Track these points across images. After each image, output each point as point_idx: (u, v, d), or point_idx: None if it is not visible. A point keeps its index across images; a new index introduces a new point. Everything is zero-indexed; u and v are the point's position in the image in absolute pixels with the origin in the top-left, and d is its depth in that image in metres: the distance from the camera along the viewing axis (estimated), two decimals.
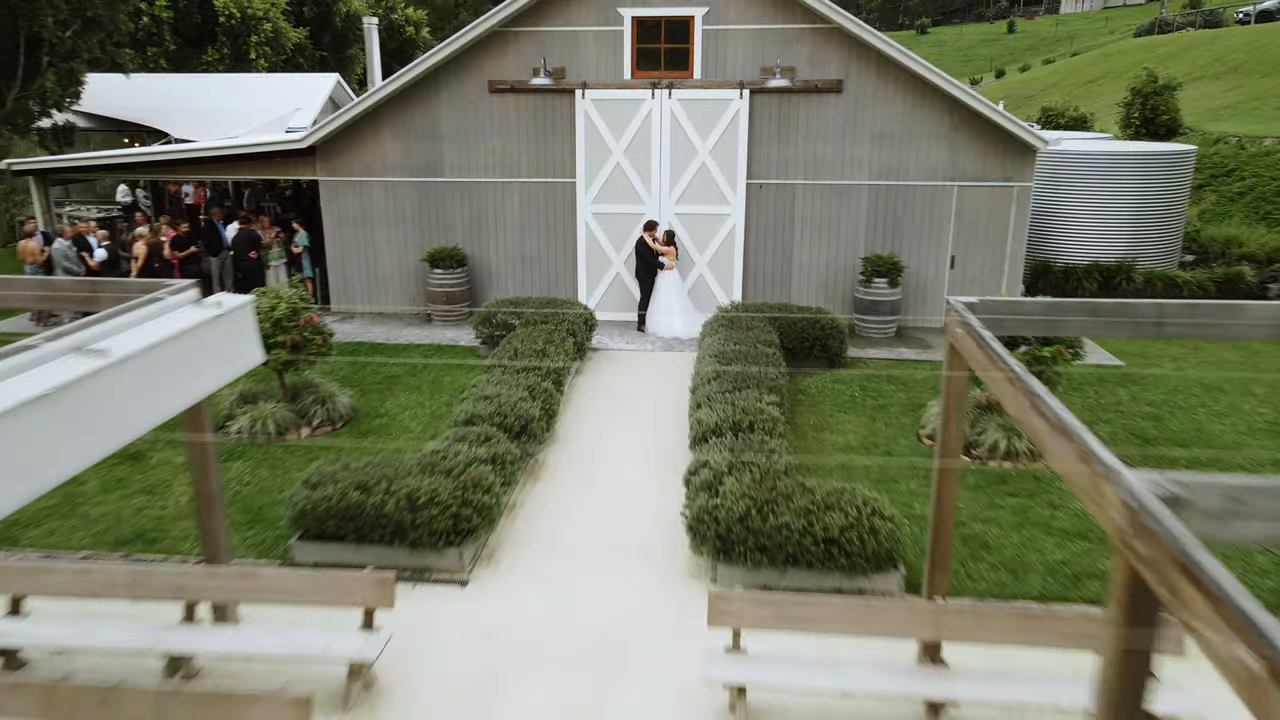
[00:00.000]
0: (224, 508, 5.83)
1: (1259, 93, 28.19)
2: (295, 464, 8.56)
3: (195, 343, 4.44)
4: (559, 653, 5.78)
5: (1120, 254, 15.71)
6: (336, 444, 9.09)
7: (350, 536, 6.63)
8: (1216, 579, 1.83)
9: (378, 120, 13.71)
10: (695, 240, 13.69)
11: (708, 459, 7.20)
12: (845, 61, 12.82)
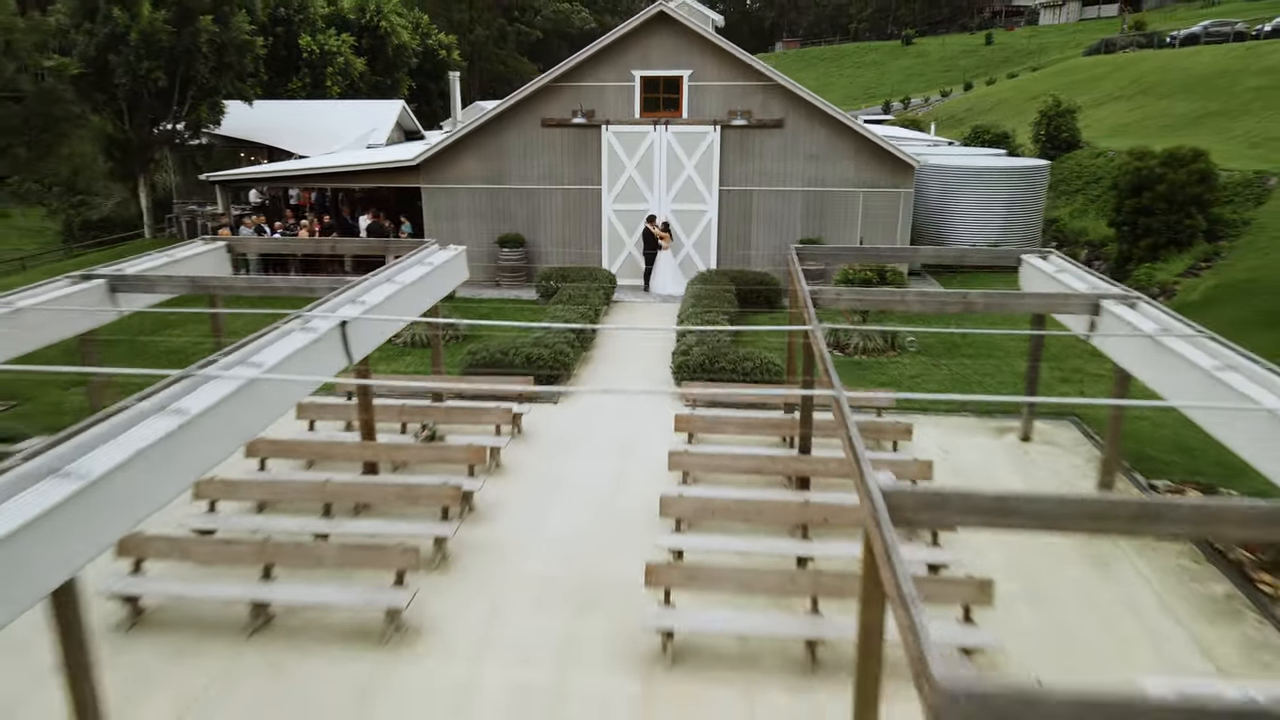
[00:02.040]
0: (444, 363, 11.80)
1: (1154, 113, 34.14)
2: (448, 353, 14.51)
3: (449, 266, 10.44)
4: (597, 438, 11.59)
5: (994, 239, 21.68)
6: (478, 335, 15.06)
7: (492, 371, 12.61)
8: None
9: (462, 146, 19.70)
10: (684, 228, 19.69)
11: (685, 348, 13.19)
12: (785, 107, 18.82)
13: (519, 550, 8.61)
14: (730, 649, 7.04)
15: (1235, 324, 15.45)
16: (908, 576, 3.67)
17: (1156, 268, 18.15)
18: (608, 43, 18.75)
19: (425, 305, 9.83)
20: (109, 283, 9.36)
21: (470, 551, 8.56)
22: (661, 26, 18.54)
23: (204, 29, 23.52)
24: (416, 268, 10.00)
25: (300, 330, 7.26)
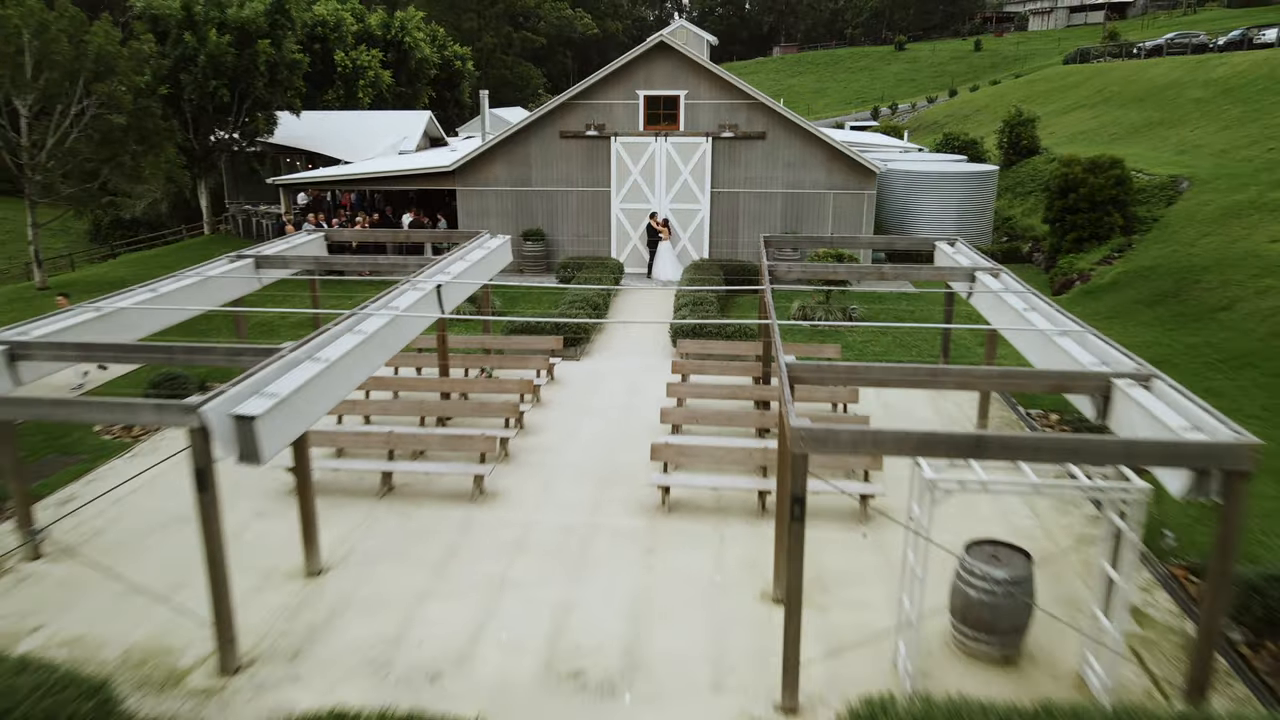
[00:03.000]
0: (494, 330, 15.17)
1: (1109, 121, 37.50)
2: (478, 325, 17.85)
3: (499, 250, 13.83)
4: (613, 381, 15.01)
5: (950, 233, 24.97)
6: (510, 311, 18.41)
7: (529, 333, 15.98)
8: None
9: (493, 154, 23.06)
10: (681, 224, 23.05)
11: (682, 313, 16.55)
12: (767, 122, 22.18)
13: (559, 449, 11.99)
14: (708, 500, 10.42)
15: (1131, 301, 18.84)
16: (792, 406, 7.04)
17: (1079, 257, 21.51)
18: (616, 67, 22.13)
19: (487, 277, 13.23)
20: (255, 260, 12.74)
21: (524, 451, 11.93)
22: (662, 54, 21.92)
23: (261, 50, 26.90)
24: (478, 251, 13.38)
25: (412, 290, 10.64)
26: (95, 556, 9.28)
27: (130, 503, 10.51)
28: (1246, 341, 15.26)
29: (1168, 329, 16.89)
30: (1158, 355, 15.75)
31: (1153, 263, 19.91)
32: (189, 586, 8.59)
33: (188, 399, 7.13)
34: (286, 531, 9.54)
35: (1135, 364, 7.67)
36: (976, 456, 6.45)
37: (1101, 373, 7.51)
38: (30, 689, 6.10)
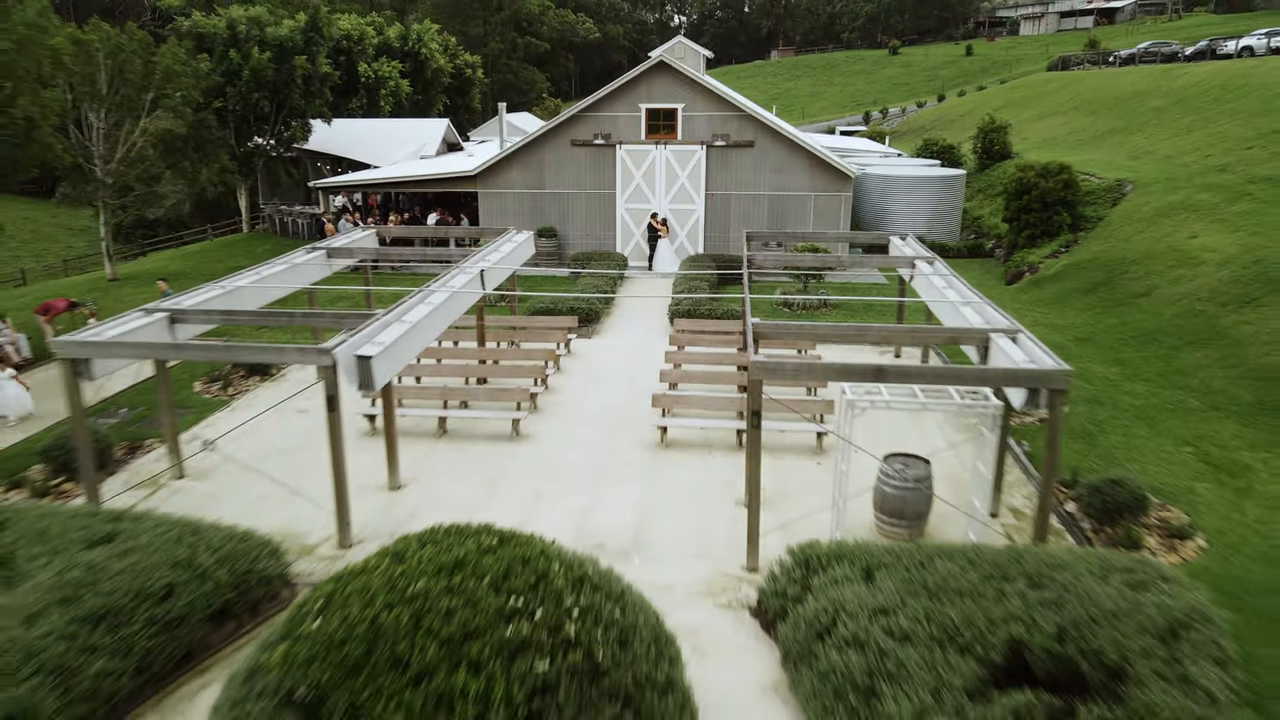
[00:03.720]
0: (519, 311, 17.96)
1: (1078, 128, 40.26)
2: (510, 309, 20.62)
3: (525, 243, 16.62)
4: (620, 355, 17.79)
5: (921, 231, 27.75)
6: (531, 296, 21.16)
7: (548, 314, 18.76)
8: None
9: (510, 160, 25.82)
10: (678, 222, 25.80)
11: (678, 297, 19.31)
12: (755, 131, 24.93)
13: (577, 404, 14.76)
14: (697, 438, 13.20)
15: (1069, 289, 21.59)
16: (755, 350, 9.81)
17: (1031, 252, 24.27)
18: (621, 84, 24.90)
19: (517, 265, 16.03)
20: (326, 252, 15.51)
21: (550, 405, 14.70)
22: (662, 72, 24.69)
23: (298, 65, 29.67)
24: (508, 244, 16.18)
25: (461, 274, 13.42)
26: (225, 477, 12.05)
27: (240, 442, 13.27)
28: (1157, 321, 18.02)
29: (1095, 312, 19.66)
30: (1082, 333, 18.53)
31: (1092, 256, 22.67)
32: (301, 495, 11.35)
33: (321, 345, 9.90)
34: (370, 461, 12.29)
35: (1009, 323, 10.43)
36: (879, 380, 9.22)
37: (983, 329, 10.29)
38: (224, 538, 8.91)
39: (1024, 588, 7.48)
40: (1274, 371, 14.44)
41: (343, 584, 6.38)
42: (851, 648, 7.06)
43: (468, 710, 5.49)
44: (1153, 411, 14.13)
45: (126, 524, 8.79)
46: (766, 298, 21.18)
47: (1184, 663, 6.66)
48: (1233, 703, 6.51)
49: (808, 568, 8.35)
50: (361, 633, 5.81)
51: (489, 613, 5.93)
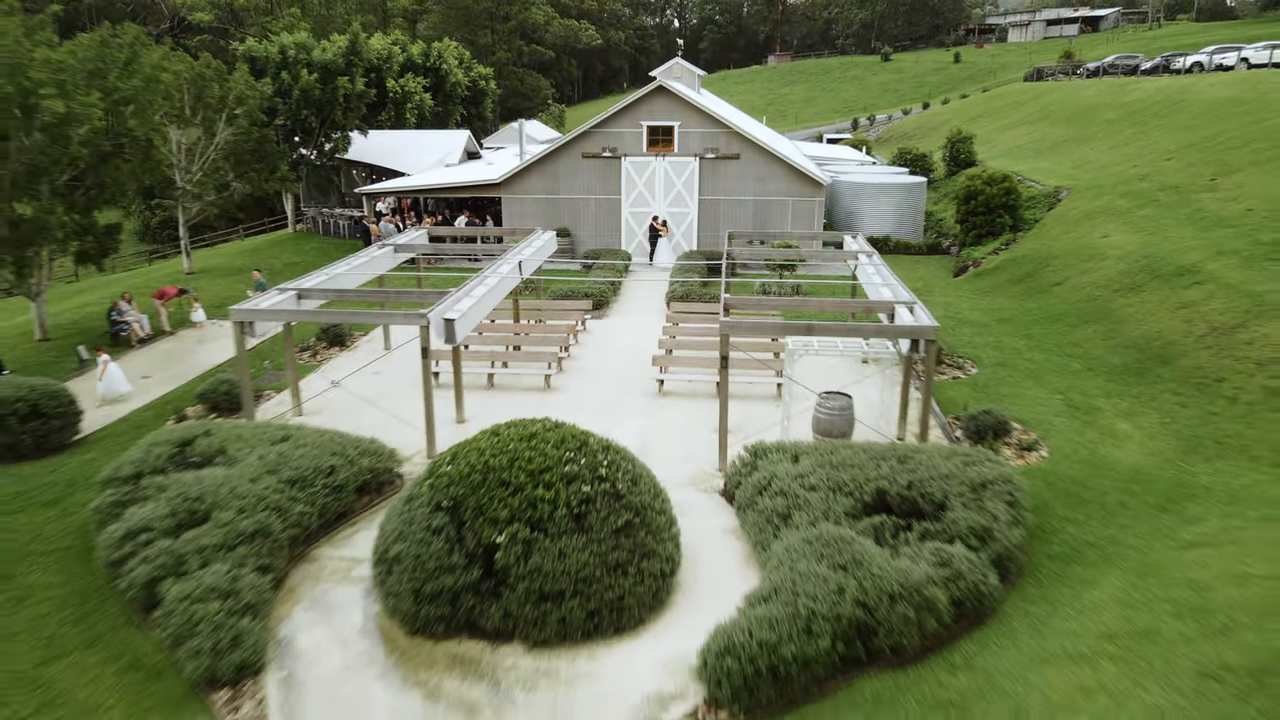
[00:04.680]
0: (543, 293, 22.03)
1: (1039, 137, 44.26)
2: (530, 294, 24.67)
3: (550, 241, 20.71)
4: (630, 333, 21.85)
5: (888, 231, 31.79)
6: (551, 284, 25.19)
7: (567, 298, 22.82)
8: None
9: (529, 170, 29.87)
10: (675, 223, 29.84)
11: (674, 285, 23.37)
12: (741, 145, 28.98)
13: (593, 366, 18.80)
14: (685, 389, 17.25)
15: (1003, 280, 25.59)
16: (724, 316, 13.87)
17: (976, 249, 28.31)
18: (625, 104, 28.96)
19: (545, 258, 20.07)
20: (394, 249, 19.57)
21: (572, 368, 18.74)
22: (661, 94, 28.75)
23: (340, 86, 33.73)
24: (538, 241, 20.23)
25: (506, 264, 17.48)
26: (332, 415, 16.10)
27: (334, 394, 17.29)
28: (1064, 305, 22.06)
29: (1019, 298, 23.70)
30: (1005, 315, 22.55)
31: (1025, 253, 26.70)
32: (399, 419, 15.37)
33: (421, 310, 13.95)
34: (439, 405, 16.30)
35: (909, 298, 14.45)
36: (810, 335, 13.25)
37: (890, 301, 14.33)
38: (361, 442, 12.95)
39: (894, 463, 11.51)
40: (1140, 341, 18.48)
41: (462, 448, 10.42)
42: (778, 496, 11.10)
43: (543, 509, 9.53)
44: (1042, 372, 18.17)
45: (294, 432, 12.85)
46: (749, 282, 25.21)
47: (984, 502, 10.70)
48: (1008, 521, 10.54)
49: (756, 456, 12.40)
50: (480, 468, 9.84)
51: (553, 459, 9.96)
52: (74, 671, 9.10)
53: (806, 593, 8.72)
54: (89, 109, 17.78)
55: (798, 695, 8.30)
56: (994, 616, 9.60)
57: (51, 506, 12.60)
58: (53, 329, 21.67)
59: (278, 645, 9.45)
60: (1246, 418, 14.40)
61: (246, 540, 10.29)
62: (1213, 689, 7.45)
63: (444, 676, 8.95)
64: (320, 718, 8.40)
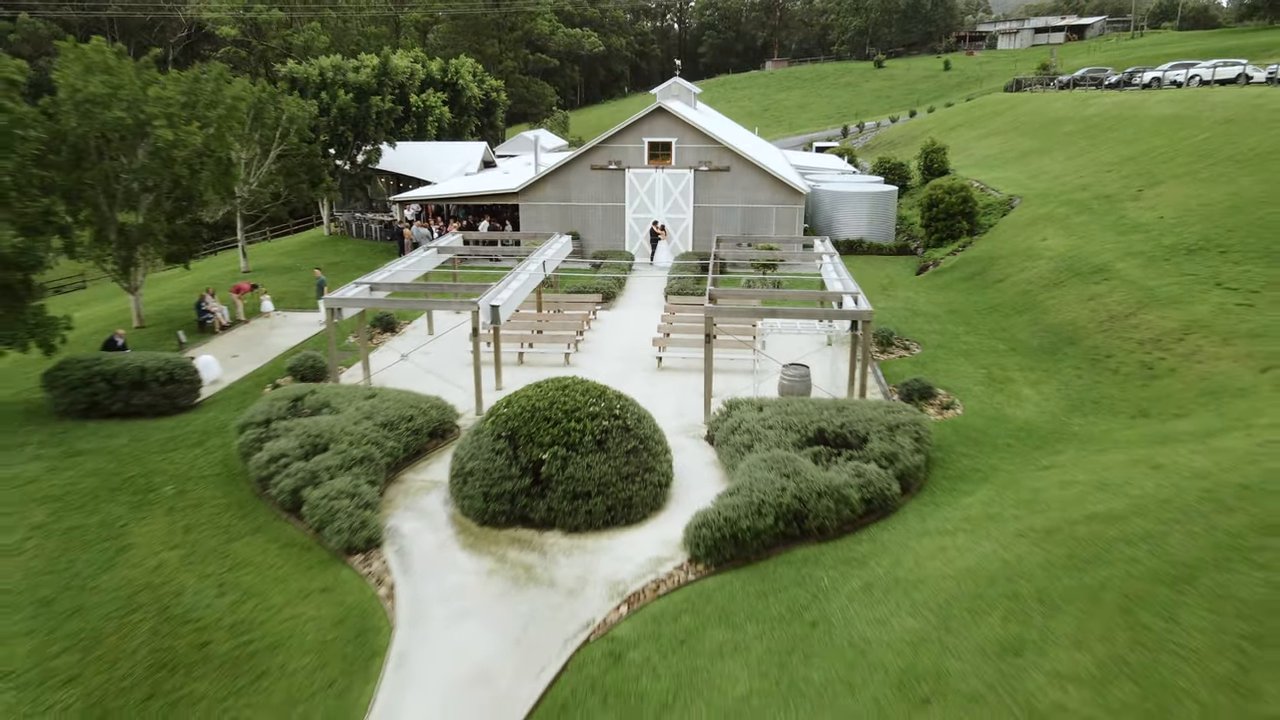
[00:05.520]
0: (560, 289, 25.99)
1: (1008, 147, 48.15)
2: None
3: (566, 244, 24.66)
4: (634, 321, 25.80)
5: (862, 234, 35.69)
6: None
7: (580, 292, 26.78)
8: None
9: (544, 180, 33.79)
10: (673, 228, 33.77)
11: (671, 280, 27.31)
12: (731, 159, 32.90)
13: (604, 347, 22.73)
14: (680, 364, 21.19)
15: (956, 277, 29.50)
16: (709, 302, 17.83)
17: (937, 250, 32.21)
18: (629, 124, 32.89)
19: (563, 258, 24.02)
20: (437, 250, 23.51)
21: (586, 349, 22.68)
22: (660, 114, 32.69)
23: (374, 104, 37.66)
24: (556, 244, 24.19)
25: (533, 263, 21.45)
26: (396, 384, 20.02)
27: (396, 367, 21.19)
28: (1004, 298, 25.97)
29: (967, 293, 27.62)
30: (953, 307, 26.45)
31: (978, 254, 30.62)
32: (453, 384, 19.27)
33: (471, 299, 17.86)
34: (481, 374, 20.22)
35: (855, 289, 18.37)
36: (775, 318, 17.17)
37: (840, 292, 18.27)
38: (431, 399, 16.91)
39: (833, 412, 15.43)
40: (1056, 327, 22.39)
41: (514, 396, 14.33)
42: (745, 433, 15.02)
43: (575, 436, 13.45)
44: (973, 352, 22.09)
45: (378, 391, 16.78)
46: (737, 278, 29.11)
47: (895, 437, 14.63)
48: (912, 450, 14.45)
49: (731, 408, 16.32)
50: (529, 409, 13.77)
51: (581, 403, 13.88)
52: (249, 548, 13.05)
53: (759, 490, 12.64)
54: (190, 136, 21.70)
55: (751, 555, 12.22)
56: (895, 512, 13.53)
57: (196, 447, 16.55)
58: (145, 317, 25.60)
59: (388, 531, 13.39)
60: (1121, 385, 18.35)
61: (358, 463, 14.22)
62: (1020, 542, 11.36)
63: (507, 549, 12.88)
64: (426, 571, 12.33)
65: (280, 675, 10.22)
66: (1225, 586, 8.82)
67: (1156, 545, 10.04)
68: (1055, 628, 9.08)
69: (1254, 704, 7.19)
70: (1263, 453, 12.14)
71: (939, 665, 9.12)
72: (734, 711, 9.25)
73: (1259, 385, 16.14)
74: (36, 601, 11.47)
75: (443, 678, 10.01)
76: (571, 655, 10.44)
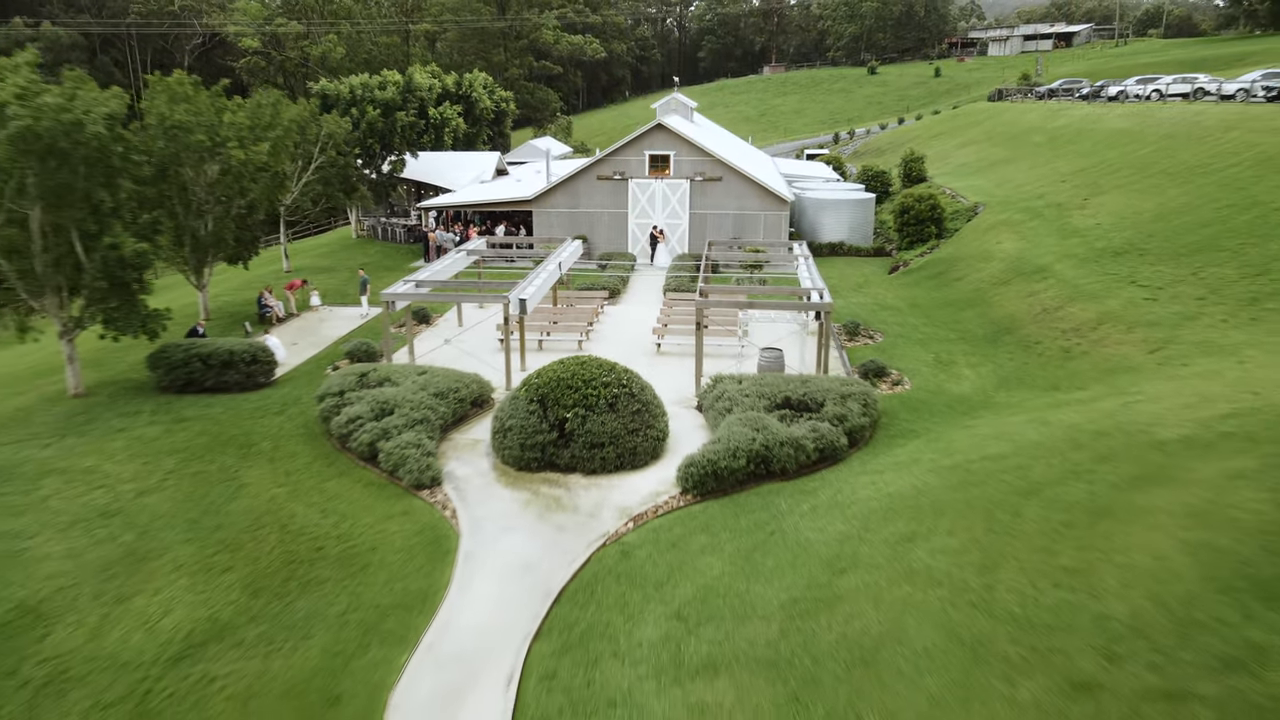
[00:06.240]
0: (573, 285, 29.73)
1: (982, 156, 51.83)
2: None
3: (577, 248, 28.44)
4: (638, 310, 29.54)
5: (843, 237, 39.40)
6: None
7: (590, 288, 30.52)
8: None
9: (556, 189, 37.52)
10: (671, 232, 37.50)
11: (669, 279, 31.04)
12: (724, 171, 36.62)
13: (611, 336, 26.46)
14: (676, 349, 24.93)
15: (923, 276, 33.20)
16: (699, 294, 21.56)
17: (908, 252, 35.91)
18: (632, 139, 36.62)
19: (575, 260, 27.78)
20: (466, 252, 27.26)
21: (595, 336, 26.40)
22: (660, 130, 36.43)
23: (399, 118, 41.39)
24: (569, 248, 27.95)
25: (550, 264, 25.23)
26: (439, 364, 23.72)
27: (437, 351, 24.86)
28: (958, 295, 29.67)
29: (930, 290, 31.33)
30: (916, 302, 30.15)
31: (942, 256, 34.34)
32: (487, 364, 22.99)
33: (503, 293, 21.59)
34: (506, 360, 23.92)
35: (821, 285, 22.08)
36: (753, 308, 20.88)
37: (808, 288, 22.00)
38: (471, 375, 20.68)
39: (798, 384, 19.15)
40: (999, 319, 26.09)
41: (543, 370, 18.06)
42: (726, 400, 18.72)
43: (592, 400, 17.18)
44: (927, 340, 25.79)
45: (427, 370, 20.51)
46: (727, 277, 32.78)
47: (847, 403, 18.35)
48: (859, 413, 18.16)
49: (716, 382, 20.02)
50: (555, 379, 17.50)
51: (596, 375, 17.61)
52: (339, 485, 16.77)
53: (735, 440, 16.34)
54: (258, 155, 25.41)
55: (728, 488, 15.93)
56: (842, 460, 17.24)
57: (279, 415, 20.28)
58: (209, 310, 29.32)
59: (445, 474, 17.10)
60: (1043, 366, 22.08)
61: (419, 423, 17.94)
62: (929, 475, 15.07)
63: (539, 486, 16.60)
64: (478, 501, 16.04)
65: (380, 566, 13.95)
66: (1058, 495, 12.59)
67: (1022, 472, 13.81)
68: (938, 524, 12.82)
69: (1053, 559, 10.92)
70: (1121, 411, 15.92)
71: (855, 551, 12.86)
72: (710, 584, 12.97)
73: (1145, 364, 19.87)
74: (186, 521, 15.21)
75: (498, 566, 13.73)
76: (593, 554, 14.16)
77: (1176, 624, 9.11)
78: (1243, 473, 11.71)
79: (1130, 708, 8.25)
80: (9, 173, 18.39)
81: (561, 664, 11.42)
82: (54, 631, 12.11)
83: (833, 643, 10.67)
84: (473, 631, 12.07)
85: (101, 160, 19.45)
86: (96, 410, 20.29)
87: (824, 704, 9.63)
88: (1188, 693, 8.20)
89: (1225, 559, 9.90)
